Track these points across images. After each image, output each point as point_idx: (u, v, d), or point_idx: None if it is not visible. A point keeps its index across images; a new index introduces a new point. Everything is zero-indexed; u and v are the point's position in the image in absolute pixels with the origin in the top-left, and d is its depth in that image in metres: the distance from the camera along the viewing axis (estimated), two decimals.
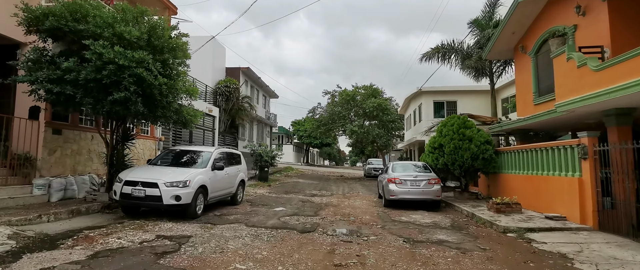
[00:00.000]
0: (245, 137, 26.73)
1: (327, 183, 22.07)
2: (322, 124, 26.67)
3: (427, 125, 23.93)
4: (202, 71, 22.23)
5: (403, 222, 9.21)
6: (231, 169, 10.80)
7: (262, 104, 32.52)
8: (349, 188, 19.27)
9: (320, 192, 16.41)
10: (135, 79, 7.79)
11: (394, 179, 11.60)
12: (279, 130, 62.64)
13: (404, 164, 13.37)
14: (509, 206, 9.46)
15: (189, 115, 9.93)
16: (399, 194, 11.40)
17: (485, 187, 13.41)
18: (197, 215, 8.56)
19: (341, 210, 11.20)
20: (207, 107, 19.31)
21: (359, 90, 26.41)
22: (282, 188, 17.64)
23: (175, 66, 9.03)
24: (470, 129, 12.34)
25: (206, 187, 8.95)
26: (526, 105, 11.95)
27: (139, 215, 8.49)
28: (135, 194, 7.85)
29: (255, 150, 21.46)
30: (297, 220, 9.04)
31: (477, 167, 12.15)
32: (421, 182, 11.48)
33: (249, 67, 25.84)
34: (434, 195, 11.42)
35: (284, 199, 13.14)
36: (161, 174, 8.34)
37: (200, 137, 19.17)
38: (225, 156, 10.66)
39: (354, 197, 14.91)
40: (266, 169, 20.84)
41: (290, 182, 21.80)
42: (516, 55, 12.95)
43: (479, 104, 23.00)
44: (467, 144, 12.00)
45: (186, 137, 18.23)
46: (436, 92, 23.89)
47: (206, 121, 20.07)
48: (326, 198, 14.26)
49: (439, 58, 17.21)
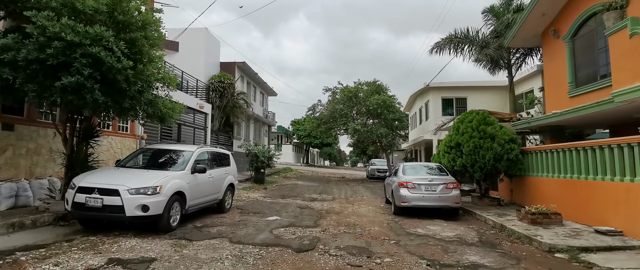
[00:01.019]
0: (241, 136, 25.20)
1: (327, 185, 20.54)
2: (322, 123, 25.13)
3: (435, 123, 22.41)
4: (193, 65, 20.72)
5: (420, 236, 7.67)
6: (217, 171, 9.27)
7: (259, 101, 30.98)
8: (352, 191, 17.74)
9: (320, 196, 14.87)
10: (91, 60, 6.26)
11: (406, 183, 10.05)
12: (278, 129, 61.13)
13: (416, 165, 11.81)
14: (547, 216, 7.91)
15: (166, 108, 8.39)
16: (412, 200, 9.85)
17: (507, 192, 11.86)
18: (171, 228, 7.02)
19: (345, 218, 9.66)
20: (198, 103, 17.79)
21: (362, 86, 24.87)
22: (278, 191, 16.10)
23: (147, 48, 7.49)
24: (492, 126, 10.80)
25: (184, 194, 7.41)
26: (559, 99, 10.40)
27: (100, 229, 6.93)
28: (90, 204, 6.30)
29: (251, 150, 19.92)
30: (293, 234, 7.50)
31: (501, 169, 10.60)
32: (437, 186, 9.93)
33: (244, 61, 24.30)
34: (453, 202, 9.88)
35: (280, 205, 11.60)
36: (125, 178, 6.80)
37: (190, 135, 17.64)
38: (210, 157, 9.13)
39: (358, 202, 13.37)
40: (262, 171, 19.31)
41: (288, 184, 20.26)
42: (545, 41, 11.38)
43: (490, 101, 21.43)
44: (489, 142, 10.46)
45: (175, 135, 16.71)
46: (444, 88, 22.36)
47: (198, 119, 18.53)
48: (327, 203, 12.72)
49: (451, 49, 15.67)
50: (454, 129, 11.66)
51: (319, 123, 25.33)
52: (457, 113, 22.36)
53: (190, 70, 19.49)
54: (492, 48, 13.40)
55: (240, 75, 25.55)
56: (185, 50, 21.62)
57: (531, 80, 19.87)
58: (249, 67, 25.63)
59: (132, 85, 7.01)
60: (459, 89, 22.68)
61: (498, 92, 21.77)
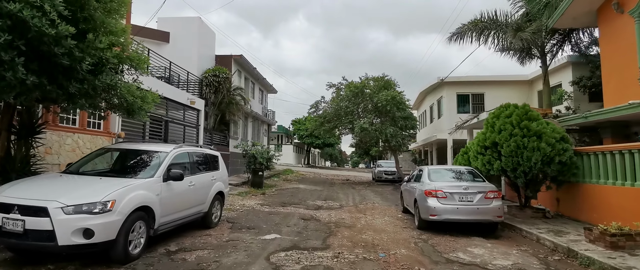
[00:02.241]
0: (239, 136, 23.30)
1: (332, 189, 18.65)
2: (326, 121, 23.23)
3: (449, 121, 20.52)
4: (186, 58, 18.86)
5: (466, 265, 5.78)
6: (201, 177, 7.39)
7: (258, 98, 29.09)
8: (360, 196, 15.85)
9: (326, 203, 12.99)
10: (10, 22, 4.39)
11: (435, 191, 8.15)
12: (278, 129, 59.30)
13: (443, 169, 9.90)
14: (632, 238, 6.02)
15: (133, 96, 6.49)
16: (444, 213, 7.96)
17: (552, 201, 9.96)
18: (130, 257, 5.12)
19: (360, 235, 7.80)
20: (189, 99, 15.90)
21: (368, 81, 22.99)
22: (278, 197, 14.21)
23: (101, 14, 5.61)
24: (536, 122, 8.91)
25: (151, 210, 5.52)
26: (623, 87, 8.54)
27: (31, 260, 5.05)
28: (8, 228, 4.40)
29: (248, 151, 18.04)
30: (297, 262, 5.62)
31: (550, 174, 8.71)
32: (474, 195, 8.04)
33: (242, 54, 22.37)
34: (494, 216, 7.98)
35: (280, 216, 9.72)
36: (64, 189, 4.91)
37: (180, 134, 15.76)
38: (191, 159, 7.24)
39: (371, 212, 11.50)
40: (261, 173, 17.42)
41: (289, 188, 18.37)
42: (604, 17, 9.44)
43: (510, 97, 19.41)
44: (534, 142, 8.57)
45: (164, 134, 14.84)
46: (460, 82, 20.46)
47: (188, 116, 16.65)
48: (335, 213, 10.85)
49: (475, 36, 13.75)
50: (487, 126, 9.77)
51: (322, 121, 23.44)
52: (474, 110, 20.48)
53: (183, 63, 17.64)
54: (528, 32, 11.48)
55: (238, 69, 23.67)
56: (177, 42, 19.76)
57: (558, 73, 17.99)
58: (247, 61, 23.74)
59: (78, 62, 5.11)
60: (475, 84, 20.79)
61: (519, 88, 19.90)
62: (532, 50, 13.62)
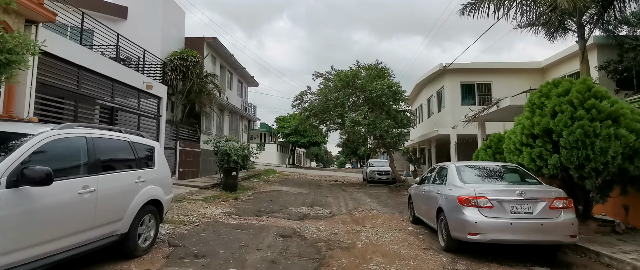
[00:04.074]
0: (212, 131, 20.33)
1: (319, 192, 15.95)
2: (312, 114, 20.50)
3: (452, 114, 18.07)
4: (147, 39, 15.87)
5: None
6: (113, 179, 4.59)
7: (237, 90, 26.14)
8: (353, 201, 13.20)
9: (313, 211, 10.29)
10: None
11: (476, 197, 5.51)
12: (261, 127, 56.33)
13: (479, 166, 7.22)
14: None
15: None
16: (491, 231, 5.32)
17: (617, 209, 7.46)
18: None
19: (365, 265, 5.14)
20: (145, 82, 12.92)
21: (361, 70, 20.35)
22: (254, 203, 11.43)
23: None
24: (608, 100, 6.41)
25: None
26: None
27: None
28: None
29: (220, 147, 15.19)
30: None
31: (633, 173, 6.17)
32: (535, 204, 5.44)
33: (215, 37, 19.40)
34: (565, 235, 5.36)
35: (250, 233, 6.94)
36: None
37: (133, 125, 12.81)
38: (91, 150, 4.38)
39: (370, 221, 8.88)
40: (235, 174, 14.59)
41: (269, 191, 15.60)
42: None
43: (521, 87, 17.21)
44: (609, 127, 6.05)
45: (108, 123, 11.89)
46: (465, 70, 18.02)
47: (145, 104, 13.69)
48: (325, 224, 8.17)
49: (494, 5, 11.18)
50: (530, 109, 7.21)
51: (309, 115, 20.69)
52: (480, 102, 18.10)
53: (144, 44, 14.67)
54: None
55: (211, 54, 20.72)
56: (136, 18, 16.71)
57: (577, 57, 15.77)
58: (223, 45, 20.77)
59: None
60: (482, 72, 18.39)
61: (530, 76, 17.58)
62: (565, 22, 11.23)
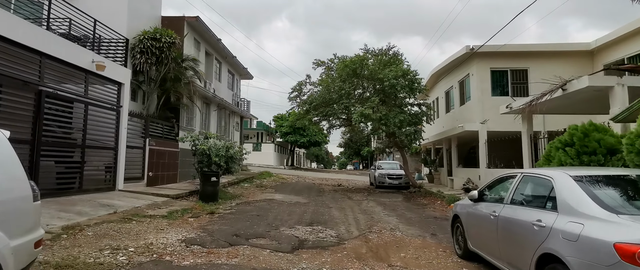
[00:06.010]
0: (195, 127, 17.29)
1: (321, 201, 12.91)
2: (312, 108, 17.47)
3: (481, 107, 15.05)
4: (111, 14, 12.93)
5: None
6: None
7: (227, 82, 23.13)
8: (365, 214, 10.18)
9: (313, 233, 7.26)
10: None
11: None
12: (258, 126, 53.34)
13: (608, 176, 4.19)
14: None
15: None
16: None
17: None
18: None
19: None
20: (95, 61, 9.90)
21: (369, 57, 17.32)
22: (233, 221, 8.37)
23: None
24: None
25: None
26: None
27: None
28: None
29: (198, 146, 12.19)
30: None
31: None
32: None
33: (198, 16, 16.38)
34: None
35: None
36: None
37: (79, 116, 9.79)
38: None
39: (398, 254, 5.84)
40: (215, 180, 11.57)
41: (258, 201, 12.58)
42: None
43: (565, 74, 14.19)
44: None
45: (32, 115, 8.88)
46: (495, 54, 14.97)
47: (99, 90, 10.68)
48: (330, 262, 5.14)
49: None
50: None
51: (308, 108, 17.67)
52: (514, 92, 15.09)
53: (105, 18, 11.69)
54: None
55: (194, 38, 17.70)
56: None
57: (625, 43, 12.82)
58: (208, 28, 17.74)
59: None
60: (516, 57, 15.33)
61: (576, 61, 14.57)
62: None
